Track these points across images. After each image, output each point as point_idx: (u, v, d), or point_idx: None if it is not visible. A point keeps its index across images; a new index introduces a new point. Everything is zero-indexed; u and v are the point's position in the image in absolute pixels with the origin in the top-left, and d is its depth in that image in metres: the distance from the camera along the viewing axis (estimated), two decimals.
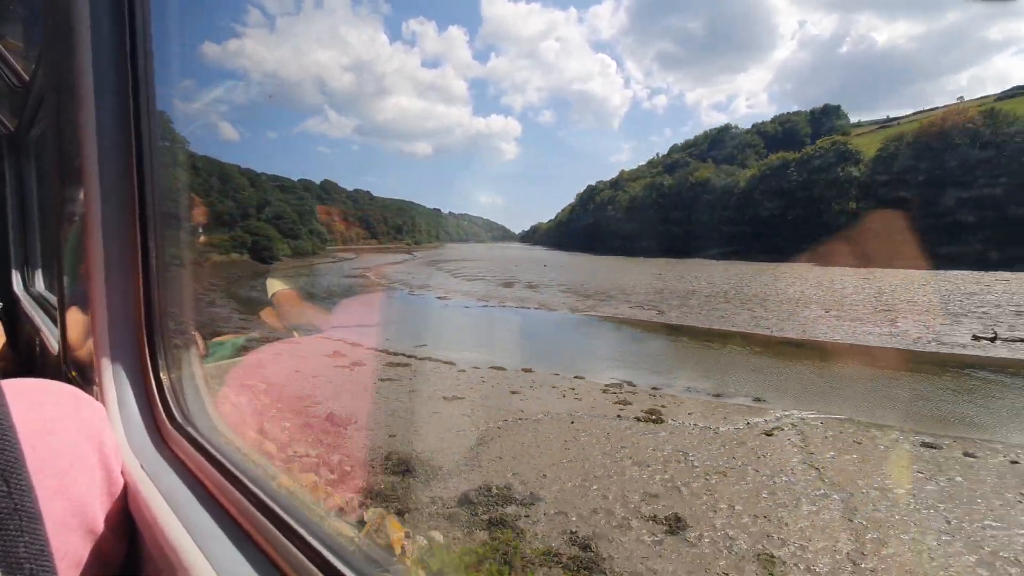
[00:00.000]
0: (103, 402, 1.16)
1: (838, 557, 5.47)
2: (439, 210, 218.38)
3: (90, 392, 1.12)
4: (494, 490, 6.73)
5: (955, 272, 38.14)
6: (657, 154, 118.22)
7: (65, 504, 0.79)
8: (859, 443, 9.04)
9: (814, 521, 6.24)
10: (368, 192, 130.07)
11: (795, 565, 5.26)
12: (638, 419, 9.85)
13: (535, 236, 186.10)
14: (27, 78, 3.00)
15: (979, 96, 73.88)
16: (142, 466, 1.01)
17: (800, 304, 26.73)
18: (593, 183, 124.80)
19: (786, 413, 10.76)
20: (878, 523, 6.24)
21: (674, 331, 21.40)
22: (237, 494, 0.87)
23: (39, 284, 4.28)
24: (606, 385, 12.86)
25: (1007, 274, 37.03)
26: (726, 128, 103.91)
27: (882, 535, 5.93)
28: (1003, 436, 9.77)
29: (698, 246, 66.20)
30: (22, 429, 0.56)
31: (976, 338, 17.81)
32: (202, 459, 1.01)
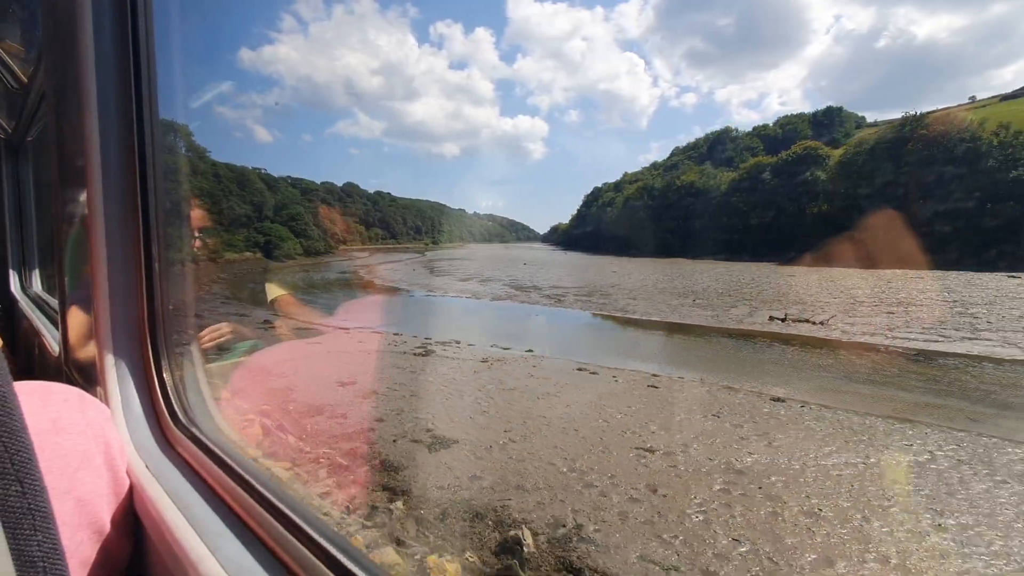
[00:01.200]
0: (107, 403, 1.17)
1: (403, 395, 9.37)
2: (464, 211, 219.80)
3: (93, 393, 1.11)
4: None
5: (896, 271, 39.83)
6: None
7: (72, 504, 0.80)
8: (535, 367, 12.37)
9: (422, 383, 10.18)
10: (388, 193, 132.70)
11: (385, 396, 9.08)
12: (415, 354, 13.18)
13: (554, 236, 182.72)
14: (25, 80, 2.96)
15: (988, 96, 73.51)
16: (147, 466, 1.02)
17: (681, 296, 29.27)
18: (600, 184, 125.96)
19: (532, 355, 14.04)
20: (452, 386, 10.13)
21: (552, 313, 24.89)
22: (242, 492, 0.88)
23: (37, 286, 4.26)
24: (437, 341, 15.69)
25: (938, 273, 39.02)
26: (726, 131, 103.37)
27: (436, 389, 9.91)
28: (656, 369, 12.84)
29: (686, 246, 68.16)
30: (31, 430, 0.56)
31: (771, 319, 21.01)
32: (206, 458, 1.01)
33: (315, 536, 0.74)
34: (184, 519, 0.87)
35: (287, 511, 0.80)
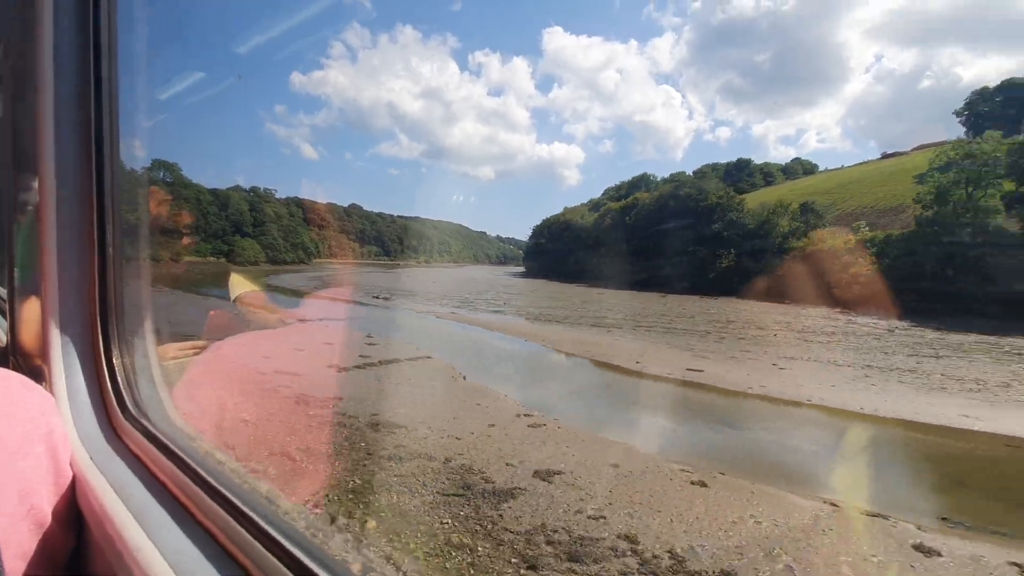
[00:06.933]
0: (52, 392, 1.00)
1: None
2: (485, 233, 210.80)
3: (40, 383, 0.97)
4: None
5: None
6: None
7: (9, 494, 0.68)
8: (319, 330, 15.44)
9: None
10: (390, 214, 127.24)
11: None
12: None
13: None
14: None
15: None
16: (91, 457, 0.89)
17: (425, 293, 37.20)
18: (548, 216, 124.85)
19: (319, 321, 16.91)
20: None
21: (380, 308, 27.84)
22: (191, 484, 0.76)
23: None
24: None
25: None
26: (644, 177, 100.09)
27: None
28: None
29: (560, 272, 73.24)
30: None
31: (374, 297, 30.50)
32: (155, 450, 0.88)
33: (264, 525, 0.65)
34: (127, 511, 0.74)
35: (237, 502, 0.69)
